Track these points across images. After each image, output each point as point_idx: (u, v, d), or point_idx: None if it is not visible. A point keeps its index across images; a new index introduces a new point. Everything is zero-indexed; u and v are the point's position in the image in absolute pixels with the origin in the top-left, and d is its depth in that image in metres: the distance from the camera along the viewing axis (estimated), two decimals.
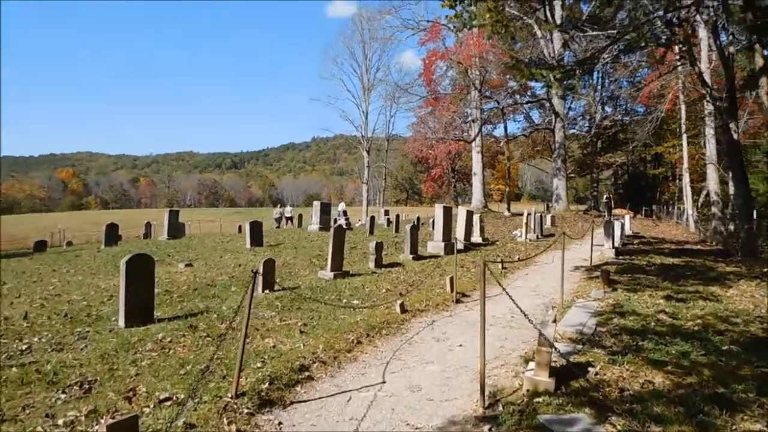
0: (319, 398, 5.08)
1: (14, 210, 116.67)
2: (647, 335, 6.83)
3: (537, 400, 4.81)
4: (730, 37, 16.78)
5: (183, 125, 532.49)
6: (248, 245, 16.71)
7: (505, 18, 13.58)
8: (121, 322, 7.18)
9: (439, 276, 11.64)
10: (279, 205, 41.54)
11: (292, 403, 4.95)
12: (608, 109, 51.55)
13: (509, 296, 5.32)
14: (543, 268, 14.24)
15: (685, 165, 34.21)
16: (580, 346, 6.44)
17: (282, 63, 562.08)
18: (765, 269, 12.83)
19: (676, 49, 18.93)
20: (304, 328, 7.11)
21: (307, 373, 5.61)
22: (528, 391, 5.06)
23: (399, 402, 5.02)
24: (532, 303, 9.59)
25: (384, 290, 9.85)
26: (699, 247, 21.14)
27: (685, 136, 34.21)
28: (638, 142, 42.98)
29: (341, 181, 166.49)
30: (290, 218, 34.99)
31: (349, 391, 5.27)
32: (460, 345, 6.86)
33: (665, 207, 46.54)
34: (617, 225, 18.12)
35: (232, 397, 4.75)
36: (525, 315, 4.97)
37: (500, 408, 4.76)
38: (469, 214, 17.65)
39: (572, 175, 50.40)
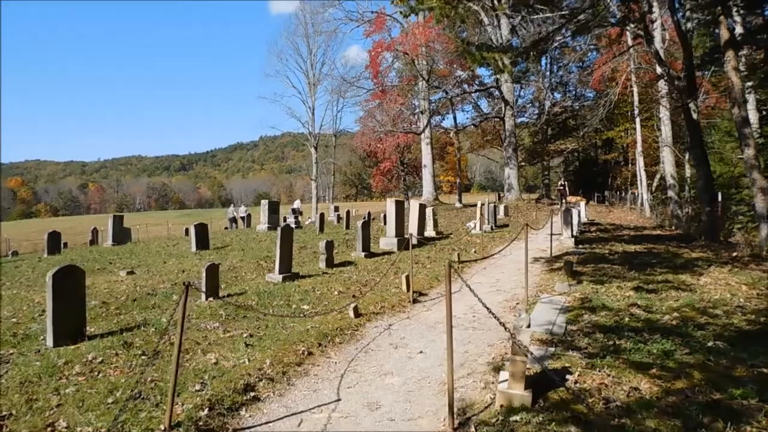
0: (266, 422, 4.55)
1: None
2: (623, 332, 6.50)
3: (514, 418, 4.33)
4: (687, 13, 16.75)
5: (130, 130, 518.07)
6: (194, 249, 15.95)
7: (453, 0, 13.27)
8: (50, 342, 6.48)
9: (394, 274, 11.21)
10: (232, 206, 40.46)
11: (235, 431, 4.41)
12: (557, 96, 52.07)
13: (475, 294, 4.89)
14: (501, 261, 13.98)
15: (639, 149, 34.47)
16: (552, 349, 6.07)
17: (227, 62, 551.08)
18: (734, 254, 12.82)
19: (630, 28, 18.78)
20: (250, 340, 6.55)
21: (252, 394, 5.07)
22: (502, 406, 4.58)
23: (357, 424, 4.53)
24: (495, 300, 9.25)
25: (336, 293, 9.35)
26: (658, 232, 21.27)
27: (638, 119, 34.44)
28: (589, 127, 43.29)
29: (290, 179, 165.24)
30: (244, 218, 34.15)
31: (300, 412, 4.76)
32: (421, 352, 6.42)
33: (618, 192, 47.16)
34: (575, 213, 18.04)
35: (165, 430, 4.18)
36: (497, 319, 4.53)
37: (472, 428, 4.27)
38: (422, 208, 17.30)
39: (523, 163, 50.77)
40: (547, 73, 51.82)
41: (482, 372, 5.64)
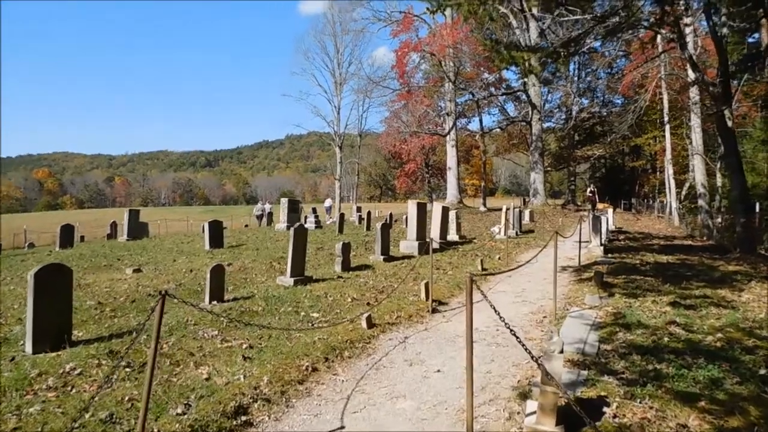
0: None
1: None
2: (662, 355, 5.76)
3: None
4: (723, 18, 15.84)
5: (158, 124, 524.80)
6: (207, 247, 15.42)
7: None
8: (28, 348, 5.88)
9: (413, 280, 10.51)
10: (260, 202, 40.18)
11: None
12: (585, 101, 50.95)
13: (496, 312, 4.16)
14: (527, 268, 13.12)
15: (668, 156, 33.45)
16: (585, 372, 5.33)
17: (256, 61, 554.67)
18: None
19: (662, 32, 17.88)
20: (249, 352, 5.91)
21: (244, 418, 4.42)
22: None
23: None
24: (520, 312, 8.52)
25: (350, 299, 8.67)
26: (689, 242, 20.31)
27: (668, 127, 33.45)
28: (617, 134, 42.20)
29: (315, 177, 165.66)
30: (271, 214, 33.72)
31: None
32: (438, 370, 5.72)
33: (645, 200, 45.98)
34: (604, 220, 17.16)
35: None
36: (523, 346, 3.81)
37: None
38: (445, 211, 16.57)
39: (548, 168, 49.67)
40: (575, 78, 50.81)
41: (506, 398, 4.94)
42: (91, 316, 7.60)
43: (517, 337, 3.83)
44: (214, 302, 8.06)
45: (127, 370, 5.30)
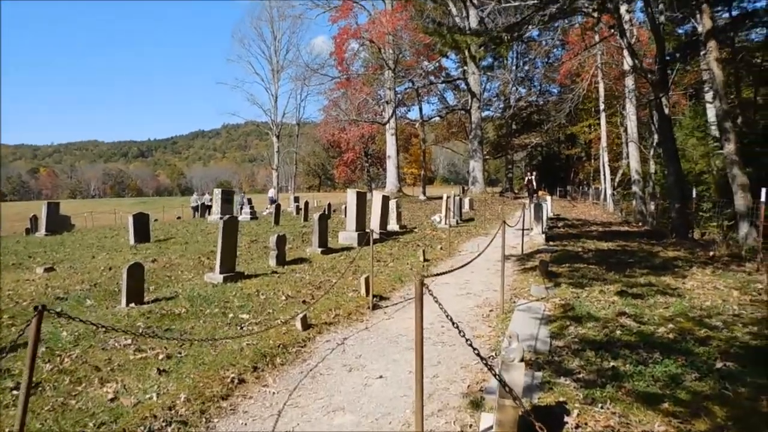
0: None
1: None
2: (617, 350, 5.42)
3: None
4: (661, 6, 15.89)
5: (86, 113, 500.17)
6: (132, 241, 14.35)
7: None
8: None
9: (353, 274, 9.95)
10: (195, 193, 38.65)
11: None
12: (523, 90, 51.58)
13: (442, 308, 3.62)
14: (469, 258, 12.83)
15: (604, 144, 34.14)
16: (540, 374, 4.89)
17: (190, 48, 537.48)
18: (711, 253, 11.94)
19: (601, 20, 17.89)
20: (166, 363, 5.19)
21: None
22: None
23: None
24: (465, 306, 8.10)
25: (284, 297, 8.00)
26: (626, 228, 20.51)
27: (603, 115, 34.09)
28: (554, 122, 42.90)
29: (252, 168, 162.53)
30: (209, 207, 32.34)
31: None
32: (380, 376, 5.17)
33: (580, 187, 46.95)
34: (545, 208, 17.03)
35: None
36: (480, 356, 3.29)
37: None
38: (385, 200, 16.03)
39: (487, 157, 49.99)
40: (513, 67, 51.21)
41: (456, 407, 4.45)
42: None
43: (468, 340, 3.31)
44: (132, 305, 7.25)
45: (15, 393, 4.50)
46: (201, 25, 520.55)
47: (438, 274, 5.05)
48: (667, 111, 16.68)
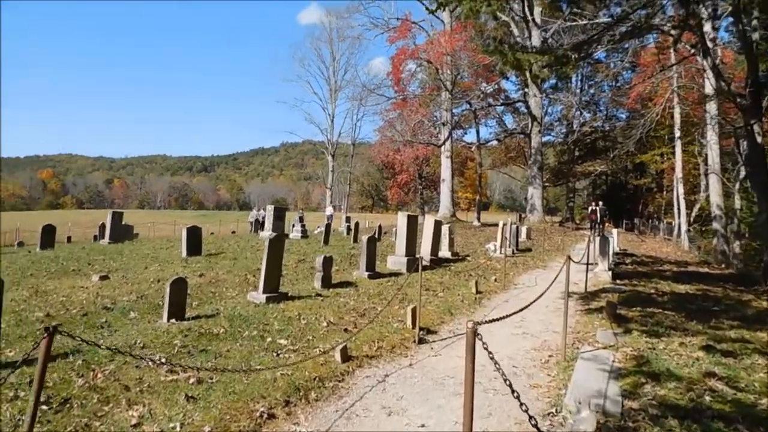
0: None
1: None
2: (706, 420, 4.69)
3: None
4: (754, 22, 14.77)
5: (157, 129, 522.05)
6: (184, 254, 14.47)
7: None
8: None
9: (399, 302, 9.60)
10: (255, 208, 39.22)
11: None
12: (587, 115, 49.88)
13: (492, 359, 3.23)
14: (525, 293, 12.29)
15: (679, 175, 31.85)
16: None
17: (253, 69, 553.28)
18: None
19: (681, 39, 16.71)
20: (196, 389, 4.97)
21: None
22: None
23: None
24: (521, 348, 7.59)
25: (325, 323, 7.73)
26: (706, 270, 19.18)
27: (679, 143, 31.96)
28: (622, 150, 40.77)
29: (307, 186, 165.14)
30: (263, 223, 32.61)
31: None
32: (423, 425, 4.75)
33: (649, 221, 44.81)
34: (611, 242, 16.16)
35: None
36: (532, 421, 2.90)
37: None
38: (437, 225, 15.68)
39: (546, 184, 48.87)
40: (578, 90, 49.84)
41: None
42: (31, 333, 6.65)
43: (522, 404, 2.93)
44: (173, 320, 7.13)
45: (44, 408, 4.36)
46: (263, 45, 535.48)
47: (493, 320, 4.60)
48: (759, 140, 15.38)
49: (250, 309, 8.18)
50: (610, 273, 14.77)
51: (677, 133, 31.72)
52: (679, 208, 32.83)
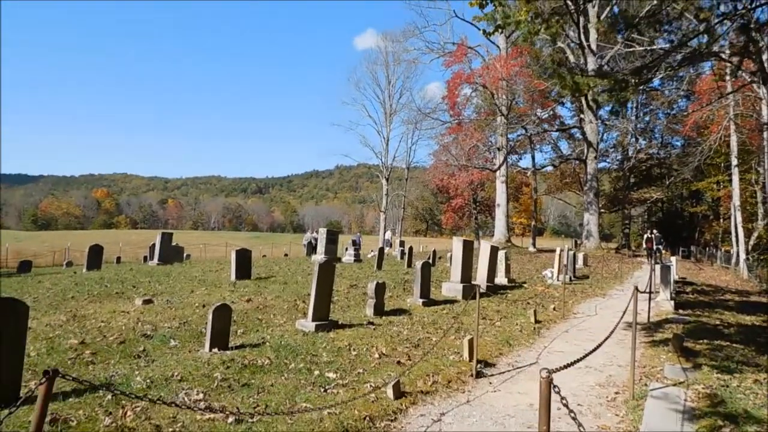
0: None
1: (50, 227, 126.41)
2: None
3: None
4: None
5: (213, 150, 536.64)
6: (233, 277, 14.21)
7: (544, 13, 11.23)
8: None
9: (455, 332, 9.00)
10: (309, 231, 39.33)
11: None
12: (643, 142, 48.69)
13: (559, 394, 2.64)
14: (586, 322, 11.51)
15: (737, 202, 30.86)
16: None
17: (310, 93, 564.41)
18: None
19: (741, 66, 15.99)
20: (233, 429, 4.52)
21: None
22: None
23: None
24: (585, 383, 6.92)
25: (377, 355, 7.20)
26: None
27: (736, 170, 30.96)
28: (678, 177, 39.85)
29: (362, 209, 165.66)
30: (316, 246, 32.46)
31: None
32: None
33: (706, 249, 43.08)
34: (672, 270, 15.20)
35: None
36: None
37: None
38: (494, 251, 15.01)
39: (602, 210, 47.44)
40: (633, 117, 48.62)
41: None
42: (61, 362, 6.34)
43: None
44: (215, 350, 6.74)
45: None
46: (320, 68, 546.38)
47: (564, 367, 4.00)
48: None
49: (298, 338, 7.73)
50: (672, 302, 13.89)
51: (734, 161, 30.73)
52: (737, 236, 31.90)
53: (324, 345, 7.40)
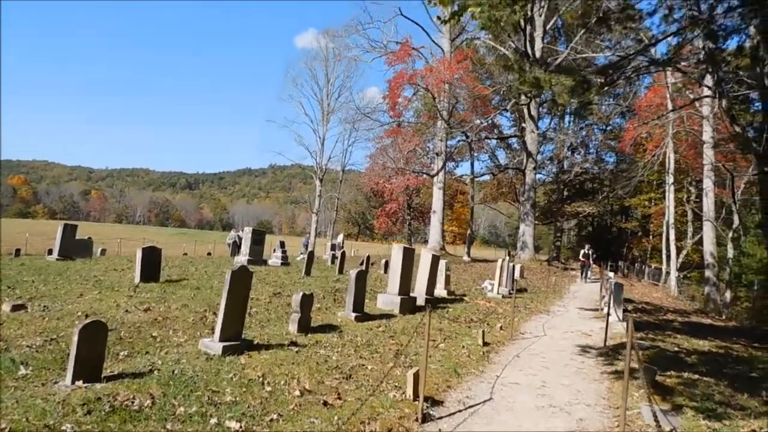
0: None
1: None
2: None
3: None
4: None
5: (141, 142, 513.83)
6: (138, 279, 12.22)
7: None
8: None
9: (394, 356, 7.58)
10: (233, 230, 37.09)
11: None
12: (578, 156, 49.18)
13: None
14: (536, 344, 10.35)
15: (671, 221, 31.12)
16: None
17: (245, 89, 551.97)
18: None
19: (700, 80, 15.41)
20: None
21: None
22: None
23: None
24: (551, 428, 5.68)
25: (298, 391, 5.62)
26: (709, 321, 17.72)
27: (671, 189, 31.22)
28: (611, 192, 40.40)
29: (294, 210, 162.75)
30: (240, 246, 30.33)
31: None
32: None
33: (633, 265, 43.73)
34: (619, 288, 14.32)
35: None
36: None
37: None
38: (435, 260, 13.65)
39: (536, 222, 47.46)
40: (569, 131, 49.06)
41: None
42: None
43: None
44: (80, 382, 5.01)
45: None
46: (258, 65, 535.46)
47: None
48: None
49: (198, 364, 6.05)
50: (624, 324, 12.94)
51: (670, 179, 31.15)
52: (668, 254, 32.63)
53: (231, 376, 5.78)
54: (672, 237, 30.97)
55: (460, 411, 6.06)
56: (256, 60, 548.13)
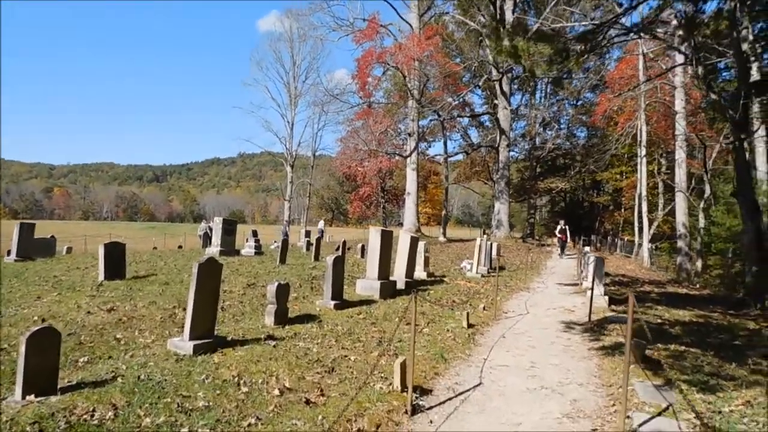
0: None
1: None
2: None
3: None
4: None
5: (104, 135, 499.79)
6: (102, 277, 11.57)
7: None
8: None
9: (377, 344, 7.17)
10: (203, 221, 36.17)
11: None
12: (549, 132, 49.09)
13: None
14: (520, 323, 10.04)
15: (643, 193, 31.12)
16: None
17: (209, 77, 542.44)
18: None
19: (676, 46, 15.17)
20: None
21: None
22: None
23: None
24: (547, 413, 5.37)
25: (278, 390, 5.17)
26: (685, 291, 17.68)
27: (644, 161, 31.20)
28: (583, 167, 40.40)
29: (266, 198, 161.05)
30: (211, 237, 29.55)
31: None
32: None
33: (606, 238, 44.02)
34: (600, 263, 14.06)
35: None
36: None
37: None
38: (414, 242, 13.25)
39: (510, 200, 47.42)
40: (541, 107, 48.90)
41: None
42: None
43: None
44: (31, 397, 4.49)
45: None
46: (221, 52, 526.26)
47: None
48: (747, 156, 14.02)
49: (167, 366, 5.55)
50: (606, 298, 12.80)
51: (642, 152, 30.98)
52: (641, 226, 32.59)
53: (203, 377, 5.29)
54: (644, 209, 31.00)
55: (450, 399, 5.70)
56: (218, 48, 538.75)
